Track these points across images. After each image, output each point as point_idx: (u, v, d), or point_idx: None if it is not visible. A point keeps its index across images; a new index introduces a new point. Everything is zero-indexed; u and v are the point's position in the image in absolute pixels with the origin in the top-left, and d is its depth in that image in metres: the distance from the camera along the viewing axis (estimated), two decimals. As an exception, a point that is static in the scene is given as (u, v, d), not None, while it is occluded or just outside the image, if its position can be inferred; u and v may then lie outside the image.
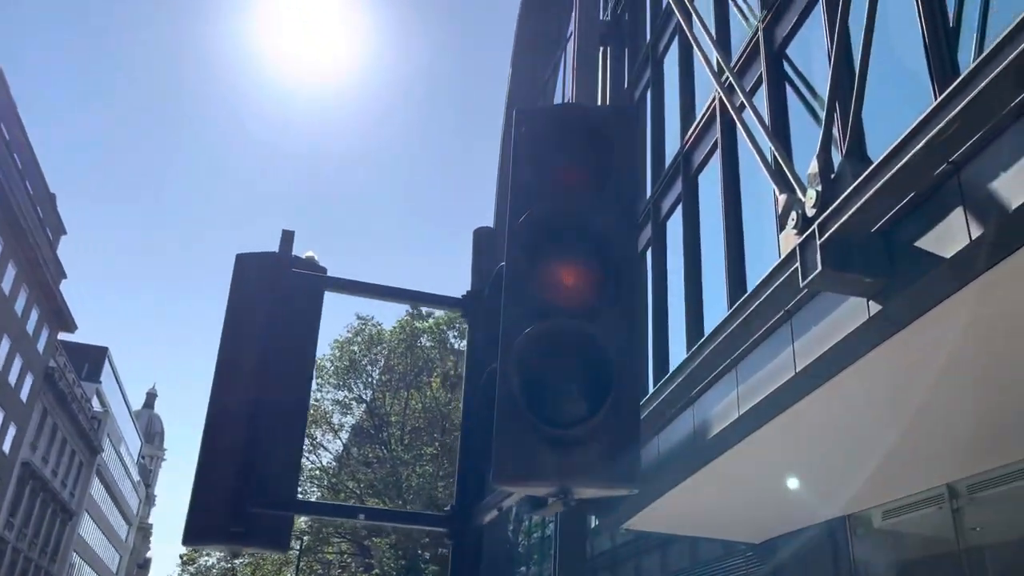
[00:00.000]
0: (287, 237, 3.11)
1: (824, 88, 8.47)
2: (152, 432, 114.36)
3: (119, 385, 78.58)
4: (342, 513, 3.19)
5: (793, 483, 9.52)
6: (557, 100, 25.26)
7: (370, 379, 35.21)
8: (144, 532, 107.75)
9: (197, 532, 2.73)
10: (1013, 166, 5.42)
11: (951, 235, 5.94)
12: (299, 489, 3.13)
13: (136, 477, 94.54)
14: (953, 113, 5.67)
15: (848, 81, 7.33)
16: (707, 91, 11.46)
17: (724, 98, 8.98)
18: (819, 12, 8.42)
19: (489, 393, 2.60)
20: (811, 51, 8.93)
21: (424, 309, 33.31)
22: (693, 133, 11.39)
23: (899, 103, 7.29)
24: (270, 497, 2.79)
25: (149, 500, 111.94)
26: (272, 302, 2.99)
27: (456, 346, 37.59)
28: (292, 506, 2.94)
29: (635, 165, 2.36)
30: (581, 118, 2.29)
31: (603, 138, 2.22)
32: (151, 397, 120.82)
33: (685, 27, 10.89)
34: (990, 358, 7.18)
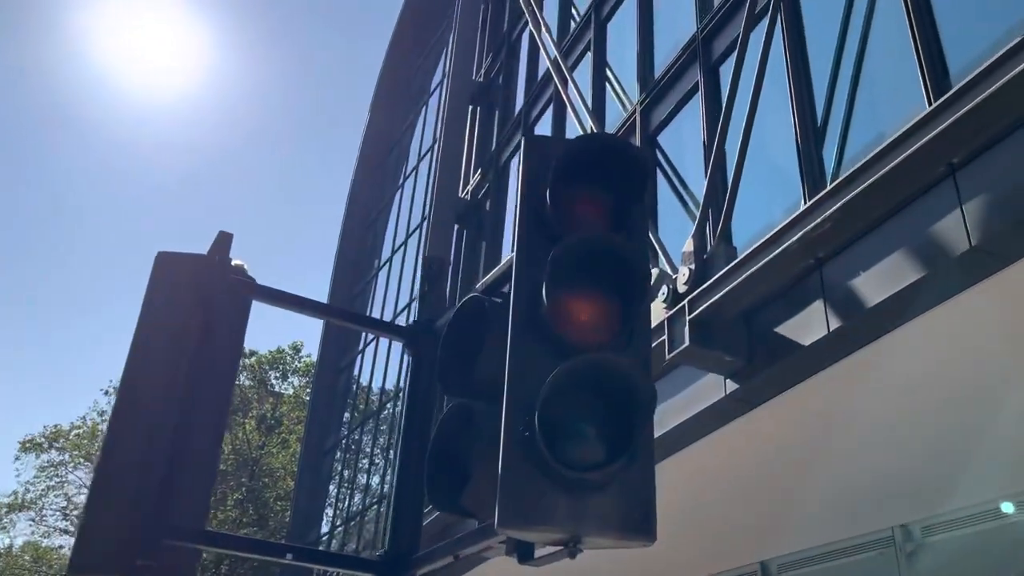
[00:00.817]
0: (223, 240, 2.82)
1: (694, 176, 8.99)
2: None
3: None
4: (266, 551, 2.80)
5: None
6: (413, 152, 25.28)
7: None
8: None
9: (90, 563, 2.33)
10: (873, 267, 5.90)
11: (810, 325, 6.36)
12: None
13: None
14: (825, 215, 6.13)
15: (722, 171, 7.80)
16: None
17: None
18: (697, 103, 8.93)
19: (453, 430, 2.44)
20: (684, 138, 9.44)
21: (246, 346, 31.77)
22: (560, 200, 11.66)
23: (770, 195, 7.80)
24: (181, 527, 2.45)
25: None
26: (194, 309, 2.68)
27: (276, 387, 35.99)
28: (217, 540, 2.60)
29: (647, 200, 2.34)
30: (603, 150, 2.24)
31: (623, 171, 2.18)
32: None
33: (563, 94, 11.26)
34: (821, 448, 7.70)
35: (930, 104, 5.86)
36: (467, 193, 16.03)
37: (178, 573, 2.47)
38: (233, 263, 2.83)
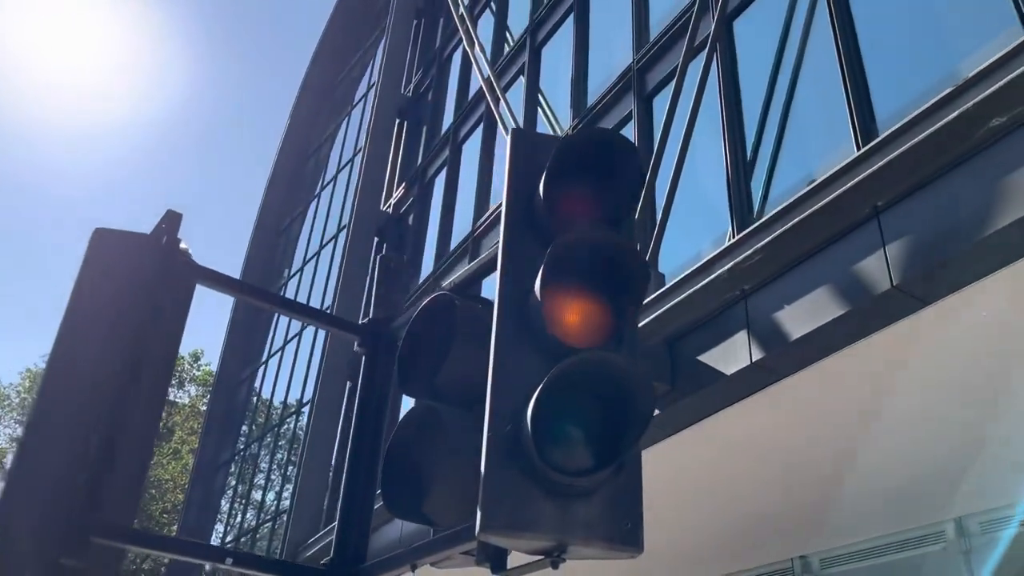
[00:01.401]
0: (172, 220, 2.62)
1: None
2: None
3: None
4: (203, 554, 2.56)
5: None
6: (332, 162, 24.89)
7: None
8: None
9: (6, 561, 2.08)
10: (797, 301, 6.06)
11: (733, 355, 6.48)
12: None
13: None
14: (753, 248, 6.29)
15: (652, 201, 7.91)
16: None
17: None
18: (629, 131, 9.06)
19: (414, 433, 2.32)
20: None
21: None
22: (486, 221, 11.65)
23: (699, 226, 7.95)
24: (112, 525, 2.22)
25: None
26: (134, 293, 2.47)
27: (171, 396, 34.48)
28: (151, 540, 2.38)
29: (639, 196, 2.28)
30: (600, 145, 2.17)
31: (620, 168, 2.12)
32: None
33: (495, 112, 11.27)
34: (736, 475, 7.83)
35: (859, 148, 6.09)
36: (389, 206, 15.84)
37: (104, 574, 2.25)
38: (180, 248, 2.63)
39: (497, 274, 2.13)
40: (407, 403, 11.49)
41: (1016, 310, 5.27)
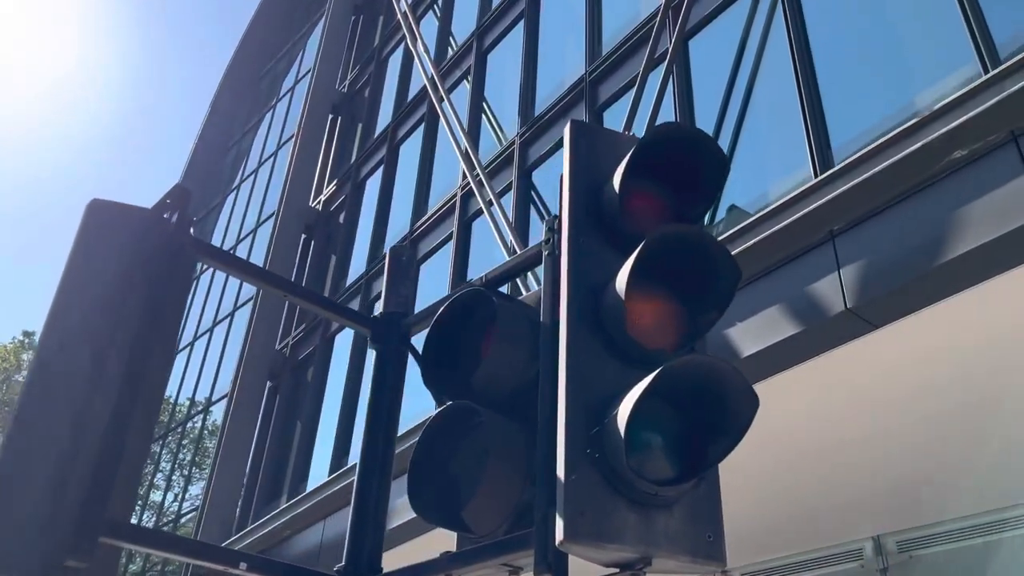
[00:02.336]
0: (180, 196, 2.39)
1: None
2: None
3: None
4: (217, 557, 2.30)
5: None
6: (254, 155, 24.19)
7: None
8: None
9: (5, 563, 1.83)
10: (749, 319, 6.15)
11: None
12: None
13: None
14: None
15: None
16: (445, 185, 11.71)
17: (476, 191, 9.23)
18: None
19: (447, 435, 2.18)
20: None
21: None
22: (424, 223, 11.48)
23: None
24: (120, 524, 1.99)
25: None
26: (134, 269, 2.25)
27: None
28: (162, 541, 2.15)
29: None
30: (686, 142, 2.09)
31: (703, 167, 2.03)
32: None
33: (437, 108, 11.14)
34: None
35: (816, 175, 6.24)
36: (319, 203, 15.46)
37: (106, 574, 2.03)
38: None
39: (564, 270, 2.03)
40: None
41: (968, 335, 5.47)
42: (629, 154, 2.03)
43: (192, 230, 2.47)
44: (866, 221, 5.69)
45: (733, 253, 6.14)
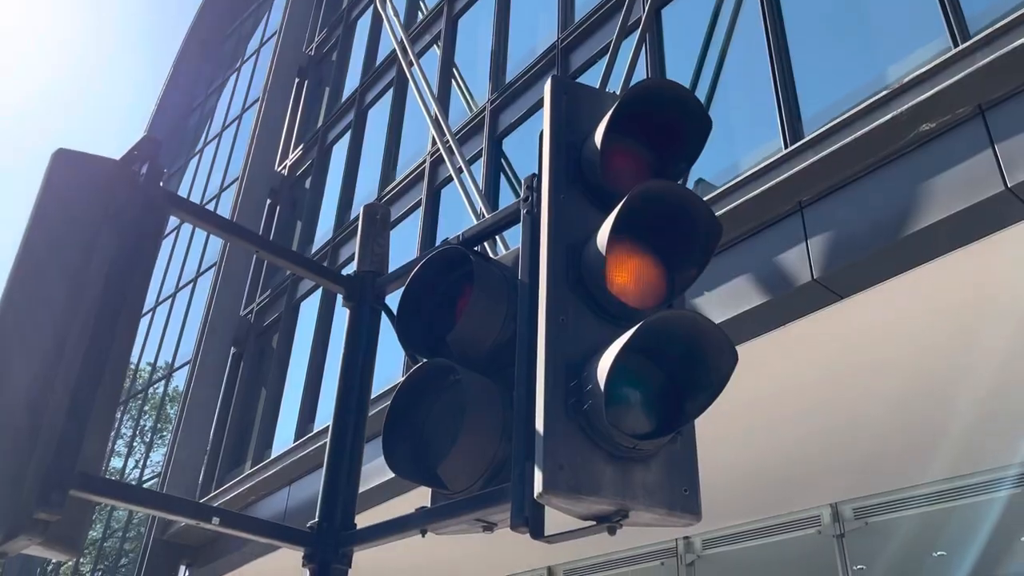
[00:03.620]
0: (149, 146, 2.32)
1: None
2: None
3: None
4: (189, 512, 2.25)
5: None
6: (218, 117, 23.75)
7: None
8: None
9: None
10: (717, 288, 6.20)
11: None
12: None
13: None
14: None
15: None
16: (414, 151, 11.59)
17: (445, 158, 9.17)
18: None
19: (421, 392, 2.16)
20: (531, 144, 9.50)
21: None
22: (392, 190, 11.38)
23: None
24: (90, 477, 1.95)
25: None
26: (101, 220, 2.18)
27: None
28: (131, 494, 2.11)
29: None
30: (669, 100, 2.06)
31: (686, 124, 2.01)
32: None
33: (406, 72, 11.01)
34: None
35: (786, 146, 6.28)
36: (284, 168, 15.23)
37: (78, 530, 1.99)
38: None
39: (544, 228, 2.01)
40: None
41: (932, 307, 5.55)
42: (611, 110, 2.01)
43: (161, 183, 2.41)
44: (834, 192, 5.74)
45: (702, 223, 6.19)
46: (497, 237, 6.09)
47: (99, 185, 2.25)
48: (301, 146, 15.12)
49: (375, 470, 6.58)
